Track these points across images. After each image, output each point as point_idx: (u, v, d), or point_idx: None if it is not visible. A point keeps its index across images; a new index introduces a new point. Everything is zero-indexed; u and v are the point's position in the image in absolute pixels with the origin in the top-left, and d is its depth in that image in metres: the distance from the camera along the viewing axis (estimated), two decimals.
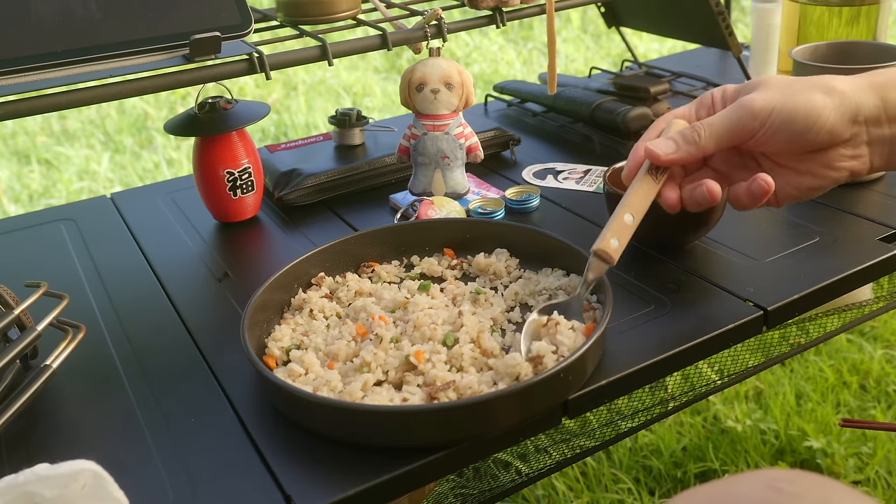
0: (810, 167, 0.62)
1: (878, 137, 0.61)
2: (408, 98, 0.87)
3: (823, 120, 0.59)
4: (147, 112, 3.00)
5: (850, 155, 0.61)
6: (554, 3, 0.89)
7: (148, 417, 0.62)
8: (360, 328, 0.66)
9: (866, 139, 0.61)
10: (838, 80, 0.61)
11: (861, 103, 0.60)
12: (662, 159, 0.63)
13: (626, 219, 0.62)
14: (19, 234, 0.94)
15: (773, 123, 0.60)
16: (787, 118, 0.60)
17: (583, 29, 3.62)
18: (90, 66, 0.70)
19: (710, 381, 1.09)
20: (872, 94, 0.60)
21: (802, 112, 0.59)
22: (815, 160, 0.62)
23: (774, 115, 0.60)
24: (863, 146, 0.61)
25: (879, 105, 0.60)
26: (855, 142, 0.61)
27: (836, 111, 0.60)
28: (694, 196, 0.63)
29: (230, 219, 0.92)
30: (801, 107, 0.60)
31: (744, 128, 0.61)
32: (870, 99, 0.60)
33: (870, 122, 0.60)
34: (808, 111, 0.59)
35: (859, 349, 1.55)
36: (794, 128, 0.60)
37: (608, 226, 0.62)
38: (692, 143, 0.62)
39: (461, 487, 0.92)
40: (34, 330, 0.62)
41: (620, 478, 1.28)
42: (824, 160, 0.62)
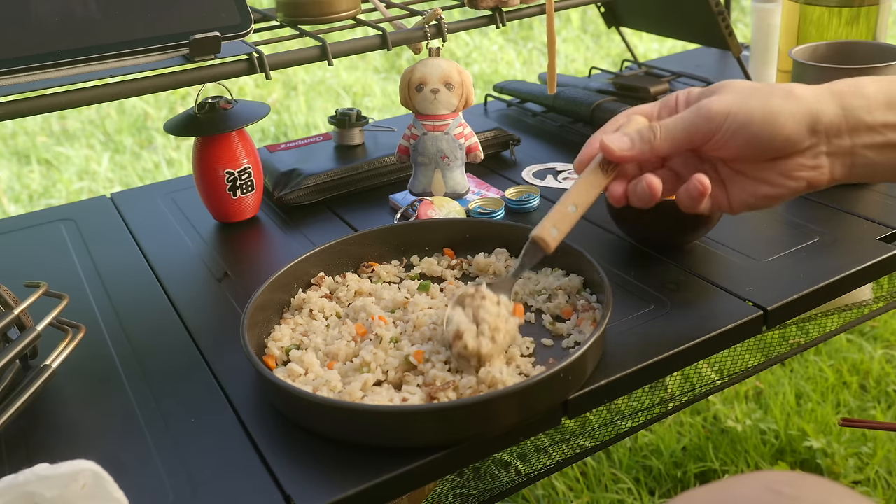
0: (767, 175, 0.61)
1: (839, 148, 0.59)
2: (408, 98, 0.87)
3: (780, 125, 0.58)
4: (147, 112, 3.00)
5: (810, 165, 0.60)
6: (554, 3, 0.89)
7: (148, 417, 0.62)
8: (359, 328, 0.66)
9: (826, 150, 0.59)
10: (798, 87, 0.59)
11: (821, 111, 0.58)
12: (616, 155, 0.62)
13: (570, 209, 0.62)
14: (19, 234, 0.94)
15: (730, 128, 0.59)
16: (742, 122, 0.59)
17: (583, 29, 3.62)
18: (90, 66, 0.70)
19: (710, 381, 1.09)
20: (832, 102, 0.59)
21: (759, 116, 0.58)
22: (773, 168, 0.61)
23: (730, 119, 0.59)
24: (822, 157, 0.60)
25: (840, 114, 0.59)
26: (814, 152, 0.60)
27: (792, 117, 0.58)
28: (636, 191, 0.62)
29: (230, 219, 0.92)
30: (758, 111, 0.58)
31: (698, 130, 0.60)
32: (830, 107, 0.59)
33: (830, 132, 0.59)
34: (764, 116, 0.58)
35: (859, 349, 1.55)
36: (750, 132, 0.59)
37: (550, 214, 0.62)
38: (647, 142, 0.61)
39: (461, 487, 0.92)
40: (34, 330, 0.62)
41: (620, 478, 1.29)
42: (782, 169, 0.60)
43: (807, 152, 0.60)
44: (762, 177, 0.61)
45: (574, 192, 0.63)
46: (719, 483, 0.38)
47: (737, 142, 0.59)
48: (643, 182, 0.61)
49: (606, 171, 0.63)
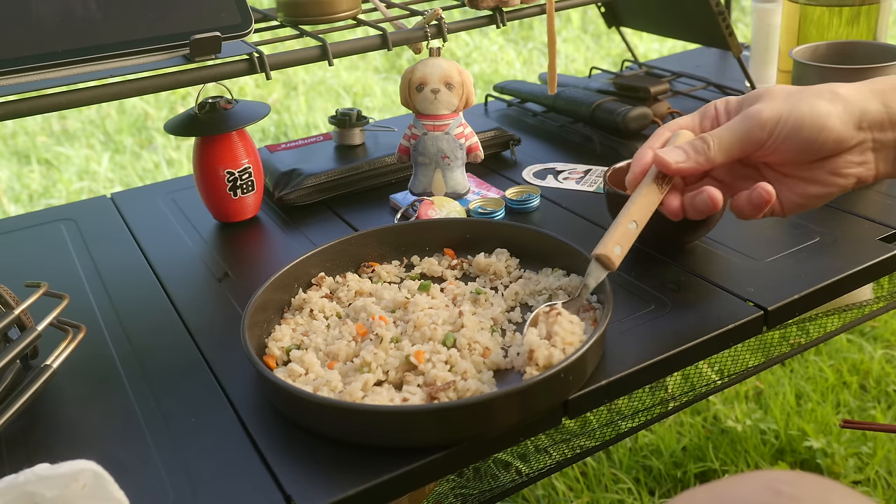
0: (816, 175, 0.62)
1: (883, 143, 0.61)
2: (408, 98, 0.87)
3: (830, 127, 0.60)
4: (147, 112, 3.00)
5: (857, 161, 0.61)
6: (554, 3, 0.89)
7: (148, 417, 0.62)
8: (360, 328, 0.66)
9: (872, 145, 0.61)
10: (842, 87, 0.61)
11: (865, 109, 0.60)
12: (672, 168, 0.63)
13: (630, 226, 0.63)
14: (19, 234, 0.94)
15: (781, 133, 0.60)
16: (794, 127, 0.60)
17: (583, 29, 3.62)
18: (90, 66, 0.70)
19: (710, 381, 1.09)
20: (875, 99, 0.60)
21: (808, 120, 0.60)
22: (822, 168, 0.62)
23: (781, 124, 0.60)
24: (868, 152, 0.61)
25: (882, 111, 0.60)
26: (861, 148, 0.61)
27: (841, 118, 0.60)
28: (695, 203, 0.63)
29: (230, 219, 0.92)
30: (808, 115, 0.60)
31: (753, 138, 0.61)
32: (873, 104, 0.60)
33: (874, 127, 0.60)
34: (813, 119, 0.60)
35: (859, 349, 1.55)
36: (802, 136, 0.60)
37: (611, 231, 0.63)
38: (702, 153, 0.62)
39: (461, 487, 0.92)
40: (34, 330, 0.62)
41: (620, 478, 1.29)
42: (831, 168, 0.62)
43: (855, 149, 0.61)
44: (811, 177, 0.63)
45: (634, 209, 0.63)
46: (719, 482, 0.38)
47: (788, 146, 0.60)
48: (704, 194, 0.62)
49: (661, 186, 0.63)
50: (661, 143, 0.67)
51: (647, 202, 0.63)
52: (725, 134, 0.62)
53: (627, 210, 0.63)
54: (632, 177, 0.66)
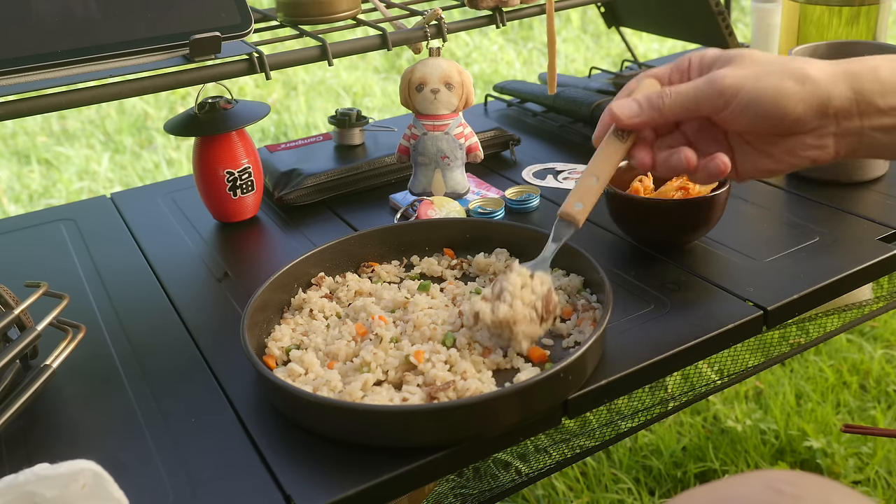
0: (772, 150, 0.62)
1: (847, 130, 0.60)
2: (408, 98, 0.87)
3: (790, 108, 0.58)
4: (147, 112, 3.00)
5: (814, 145, 0.60)
6: (554, 3, 0.89)
7: (148, 417, 0.62)
8: (360, 328, 0.66)
9: (833, 130, 0.60)
10: (813, 68, 0.59)
11: (832, 95, 0.59)
12: (624, 122, 0.62)
13: (591, 181, 0.62)
14: (19, 234, 0.94)
15: (739, 104, 0.59)
16: (751, 101, 0.59)
17: (583, 29, 3.62)
18: (90, 66, 0.70)
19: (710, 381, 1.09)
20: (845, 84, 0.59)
21: (770, 98, 0.58)
22: (778, 145, 0.61)
23: (741, 96, 0.59)
24: (829, 137, 0.60)
25: (851, 97, 0.59)
26: (820, 133, 0.60)
27: (804, 101, 0.58)
28: (670, 161, 0.62)
29: (230, 219, 0.92)
30: (770, 92, 0.58)
31: (708, 103, 0.60)
32: (842, 90, 0.59)
33: (840, 115, 0.59)
34: (775, 98, 0.58)
35: (859, 349, 1.55)
36: (759, 111, 0.59)
37: (573, 189, 0.63)
38: (656, 108, 0.61)
39: (461, 487, 0.92)
40: (34, 330, 0.62)
41: (620, 478, 1.28)
42: (787, 146, 0.61)
43: (813, 133, 0.60)
44: (767, 151, 0.62)
45: (593, 164, 0.63)
46: (720, 482, 0.38)
47: (745, 118, 0.60)
48: (680, 154, 0.61)
49: (622, 139, 0.63)
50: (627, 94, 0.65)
51: (607, 156, 0.62)
52: (683, 92, 0.61)
53: (589, 166, 0.63)
54: (596, 132, 0.65)
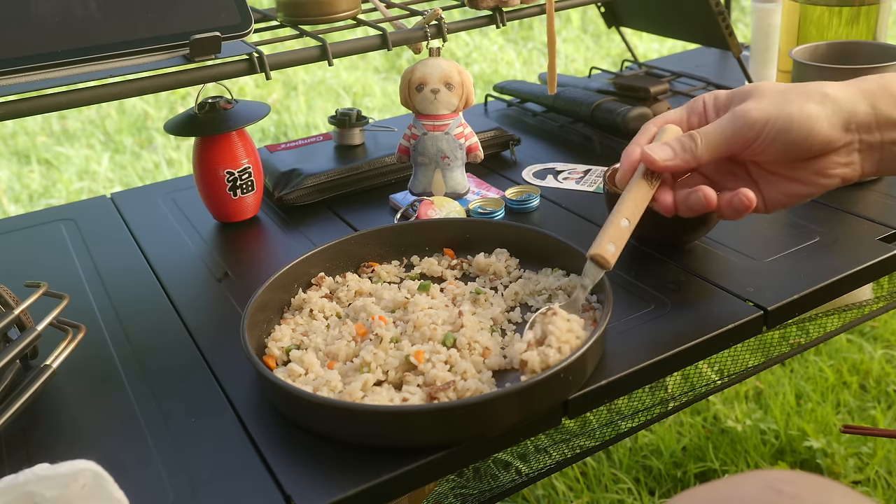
0: (801, 175, 0.62)
1: (869, 144, 0.61)
2: (408, 98, 0.87)
3: (818, 129, 0.60)
4: (147, 112, 3.00)
5: (843, 162, 0.62)
6: (554, 3, 0.89)
7: (148, 417, 0.62)
8: (360, 328, 0.66)
9: (858, 146, 0.61)
10: (830, 88, 0.61)
11: (854, 111, 0.60)
12: (659, 165, 0.63)
13: (623, 224, 0.63)
14: (19, 234, 0.94)
15: (770, 134, 0.60)
16: (782, 128, 0.60)
17: (583, 29, 3.62)
18: (90, 66, 0.70)
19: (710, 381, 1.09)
20: (863, 101, 0.60)
21: (797, 122, 0.59)
22: (807, 168, 0.62)
23: (770, 125, 0.60)
24: (855, 153, 0.61)
25: (871, 112, 0.60)
26: (848, 149, 0.61)
27: (829, 120, 0.60)
28: (689, 202, 0.63)
29: (230, 219, 0.92)
30: (796, 117, 0.59)
31: (740, 138, 0.61)
32: (861, 106, 0.60)
33: (861, 129, 0.61)
34: (802, 121, 0.59)
35: (859, 349, 1.55)
36: (790, 137, 0.60)
37: (604, 230, 0.63)
38: (689, 151, 0.62)
39: (461, 487, 0.92)
40: (34, 330, 0.62)
41: (620, 478, 1.28)
42: (816, 168, 0.62)
43: (841, 150, 0.61)
44: (796, 176, 0.63)
45: (625, 207, 0.63)
46: (719, 482, 0.38)
47: (775, 147, 0.60)
48: (699, 193, 0.62)
49: (651, 182, 0.63)
50: (648, 139, 0.66)
51: (637, 199, 0.63)
52: (713, 132, 0.62)
53: (619, 208, 0.63)
54: (621, 174, 0.66)
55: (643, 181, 0.64)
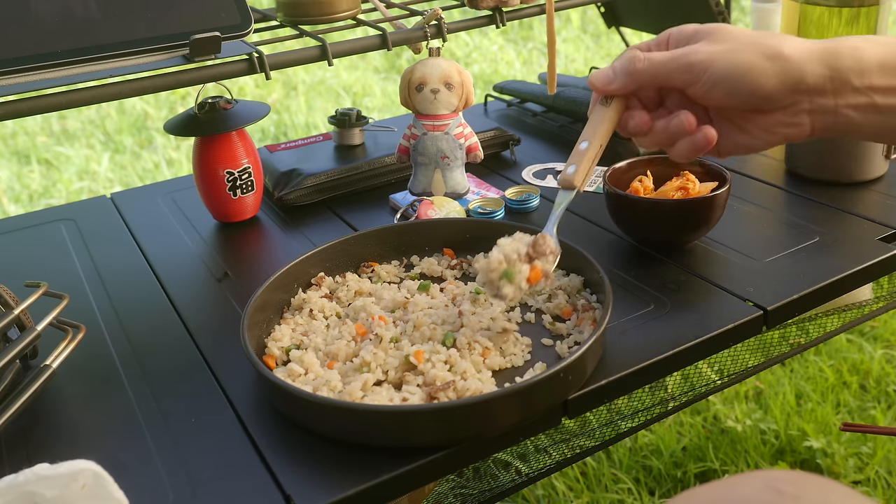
0: (749, 127, 0.63)
1: (821, 107, 0.60)
2: (408, 98, 0.87)
3: (760, 84, 0.59)
4: (147, 112, 3.00)
5: (788, 122, 0.61)
6: (554, 3, 0.89)
7: (148, 417, 0.62)
8: (359, 328, 0.66)
9: (808, 107, 0.60)
10: (789, 46, 0.60)
11: (804, 72, 0.59)
12: (599, 88, 0.65)
13: (581, 146, 0.65)
14: (19, 234, 0.94)
15: (708, 80, 0.60)
16: (721, 77, 0.60)
17: (583, 29, 3.62)
18: (90, 66, 0.70)
19: (710, 381, 1.09)
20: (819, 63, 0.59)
21: (740, 73, 0.59)
22: (754, 121, 0.62)
23: (711, 71, 0.60)
24: (802, 115, 0.61)
25: (825, 75, 0.59)
26: (794, 110, 0.60)
27: (775, 78, 0.59)
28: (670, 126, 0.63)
29: (230, 219, 0.92)
30: (741, 68, 0.59)
31: (679, 76, 0.62)
32: (815, 68, 0.59)
33: (813, 91, 0.59)
34: (744, 73, 0.59)
35: (859, 349, 1.55)
36: (729, 86, 0.60)
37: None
38: (628, 73, 0.63)
39: (461, 487, 0.92)
40: (34, 330, 0.62)
41: (620, 478, 1.28)
42: (762, 123, 0.62)
43: (787, 109, 0.61)
44: (744, 126, 0.63)
45: (585, 130, 0.65)
46: (720, 482, 0.38)
47: (718, 92, 0.61)
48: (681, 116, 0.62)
49: (605, 104, 0.66)
50: None
51: (593, 122, 0.66)
52: (658, 60, 0.63)
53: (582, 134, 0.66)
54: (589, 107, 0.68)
55: (598, 106, 0.66)
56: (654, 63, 0.63)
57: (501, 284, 0.62)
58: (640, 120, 0.64)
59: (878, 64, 0.59)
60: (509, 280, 0.62)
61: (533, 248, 0.64)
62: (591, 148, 0.64)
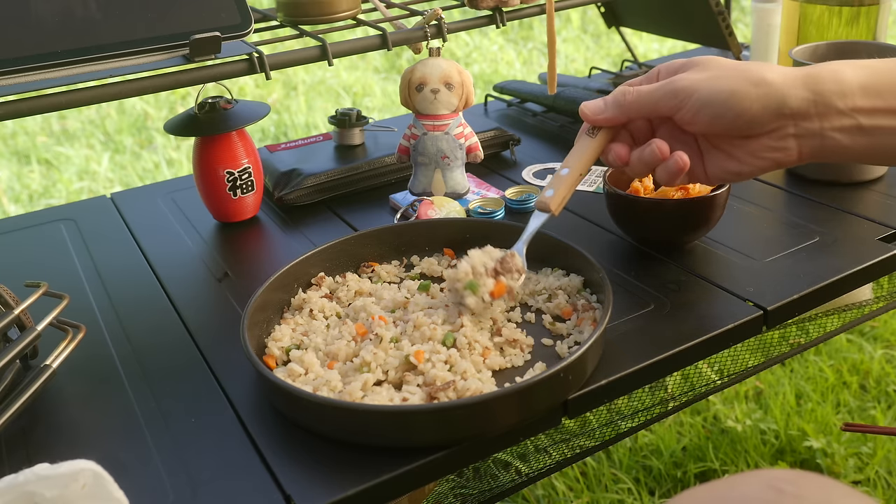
0: (737, 153, 0.64)
1: (807, 131, 0.61)
2: (408, 98, 0.87)
3: (744, 108, 0.60)
4: (147, 112, 3.00)
5: (775, 146, 0.62)
6: (554, 3, 0.89)
7: (148, 417, 0.62)
8: (359, 328, 0.66)
9: (793, 132, 0.61)
10: (772, 73, 0.61)
11: (786, 96, 0.60)
12: (590, 117, 0.67)
13: (562, 172, 0.67)
14: (19, 234, 0.94)
15: (693, 105, 0.62)
16: (706, 102, 0.61)
17: (583, 29, 3.62)
18: (90, 66, 0.70)
19: (710, 381, 1.09)
20: (802, 87, 0.60)
21: (723, 98, 0.60)
22: (742, 147, 0.63)
23: (696, 97, 0.61)
24: (789, 139, 0.62)
25: (809, 99, 0.60)
26: (779, 134, 0.61)
27: (758, 102, 0.60)
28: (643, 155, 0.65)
29: (230, 219, 0.92)
30: (722, 93, 0.61)
31: (664, 103, 0.63)
32: (798, 92, 0.60)
33: (797, 116, 0.60)
34: (727, 98, 0.60)
35: (859, 349, 1.55)
36: (714, 111, 0.61)
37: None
38: (618, 105, 0.65)
39: (461, 487, 0.92)
40: (34, 330, 0.62)
41: (620, 478, 1.28)
42: (750, 148, 0.63)
43: (772, 134, 0.62)
44: (733, 153, 0.64)
45: (568, 158, 0.67)
46: (720, 481, 0.38)
47: (703, 118, 0.62)
48: (653, 145, 0.64)
49: (591, 135, 0.68)
50: None
51: (577, 150, 0.68)
52: (645, 91, 0.65)
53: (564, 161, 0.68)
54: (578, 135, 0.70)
55: (584, 135, 0.68)
56: (643, 94, 0.65)
57: (465, 295, 0.65)
58: (619, 153, 0.67)
59: (859, 87, 0.60)
60: (473, 291, 0.65)
61: (500, 264, 0.66)
62: (570, 175, 0.66)
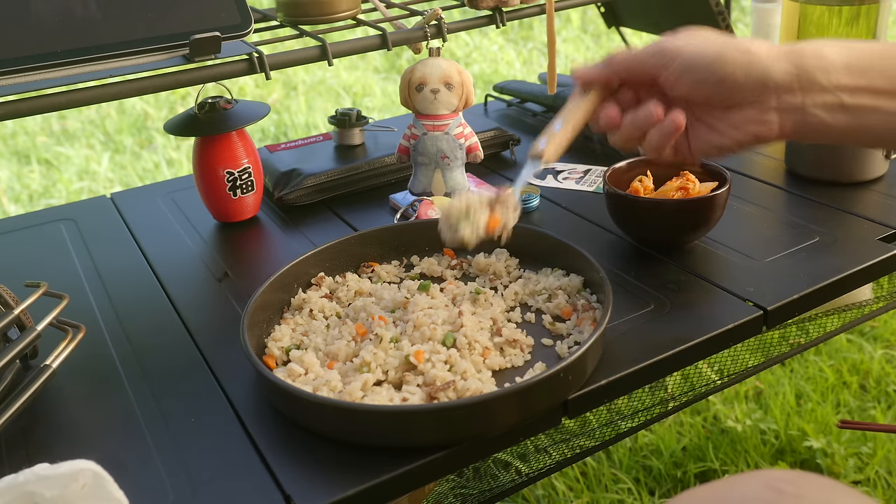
0: (719, 125, 0.63)
1: (789, 105, 0.61)
2: (408, 98, 0.87)
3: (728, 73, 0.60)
4: (147, 112, 3.00)
5: (757, 119, 0.62)
6: (554, 3, 0.89)
7: (148, 417, 0.62)
8: (359, 328, 0.66)
9: (775, 105, 0.61)
10: (757, 45, 0.61)
11: (771, 68, 0.60)
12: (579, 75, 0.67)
13: (555, 127, 0.67)
14: (19, 234, 0.94)
15: (678, 67, 0.62)
16: (690, 64, 0.61)
17: (583, 29, 3.62)
18: (90, 66, 0.70)
19: (710, 381, 1.09)
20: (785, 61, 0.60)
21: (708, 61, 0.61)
22: (725, 119, 0.63)
23: (680, 59, 0.62)
24: (771, 112, 0.61)
25: (791, 72, 0.60)
26: (762, 107, 0.61)
27: (741, 69, 0.60)
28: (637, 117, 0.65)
29: (230, 219, 0.92)
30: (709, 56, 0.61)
31: (651, 62, 0.64)
32: (782, 65, 0.60)
33: (780, 88, 0.60)
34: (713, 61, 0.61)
35: (859, 349, 1.55)
36: (697, 74, 0.61)
37: None
38: (606, 64, 0.66)
39: (461, 487, 0.92)
40: (34, 330, 0.62)
41: (620, 478, 1.28)
42: (732, 120, 0.62)
43: (754, 106, 0.61)
44: (715, 125, 0.64)
45: (559, 113, 0.67)
46: (721, 481, 0.38)
47: (686, 81, 0.62)
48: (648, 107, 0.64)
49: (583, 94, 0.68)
50: None
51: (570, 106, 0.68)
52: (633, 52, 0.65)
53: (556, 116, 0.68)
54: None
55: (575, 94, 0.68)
56: (630, 54, 0.65)
57: (461, 226, 0.63)
58: (610, 114, 0.66)
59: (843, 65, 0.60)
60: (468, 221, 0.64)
61: (496, 198, 0.65)
62: (564, 128, 0.66)
